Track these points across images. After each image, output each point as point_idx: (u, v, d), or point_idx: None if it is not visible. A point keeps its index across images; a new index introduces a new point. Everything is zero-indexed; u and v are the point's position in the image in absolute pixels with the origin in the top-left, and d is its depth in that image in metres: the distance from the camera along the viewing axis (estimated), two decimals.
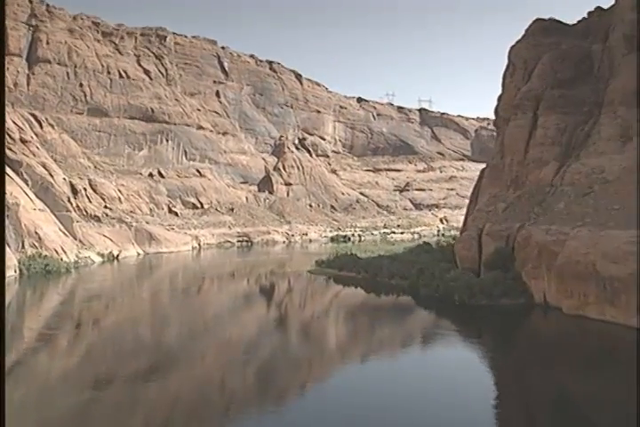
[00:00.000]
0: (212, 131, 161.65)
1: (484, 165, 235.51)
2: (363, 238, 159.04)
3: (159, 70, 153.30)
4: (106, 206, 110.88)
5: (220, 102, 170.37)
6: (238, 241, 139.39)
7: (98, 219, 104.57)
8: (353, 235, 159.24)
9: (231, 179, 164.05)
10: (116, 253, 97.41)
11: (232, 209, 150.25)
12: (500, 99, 78.59)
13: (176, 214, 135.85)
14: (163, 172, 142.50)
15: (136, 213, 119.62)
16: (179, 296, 63.32)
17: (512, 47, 79.66)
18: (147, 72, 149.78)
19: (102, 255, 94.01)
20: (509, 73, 77.33)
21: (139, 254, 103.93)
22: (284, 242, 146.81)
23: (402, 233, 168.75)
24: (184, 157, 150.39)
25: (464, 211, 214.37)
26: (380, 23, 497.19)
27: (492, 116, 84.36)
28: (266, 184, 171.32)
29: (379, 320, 49.10)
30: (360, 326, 47.69)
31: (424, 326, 46.97)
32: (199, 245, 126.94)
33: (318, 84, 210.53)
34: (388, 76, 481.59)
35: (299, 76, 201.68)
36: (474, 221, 61.95)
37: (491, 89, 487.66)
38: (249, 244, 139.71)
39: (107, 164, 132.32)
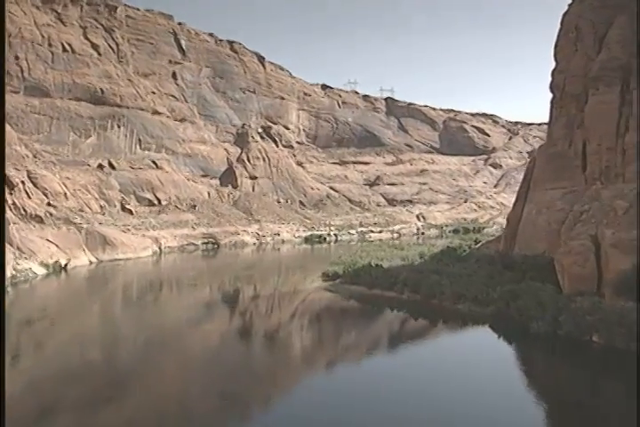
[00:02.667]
0: (168, 117, 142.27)
1: (454, 159, 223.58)
2: (339, 238, 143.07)
3: (109, 45, 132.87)
4: (49, 204, 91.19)
5: (177, 85, 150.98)
6: (203, 243, 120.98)
7: (40, 219, 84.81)
8: (329, 234, 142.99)
9: (190, 171, 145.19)
10: (63, 262, 78.09)
11: (194, 206, 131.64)
12: (557, 72, 63.22)
13: (130, 213, 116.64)
14: (114, 163, 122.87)
15: (85, 211, 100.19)
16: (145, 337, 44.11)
17: (568, 11, 64.76)
18: (95, 47, 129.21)
19: (47, 266, 74.68)
20: (570, 40, 61.99)
21: (91, 263, 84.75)
22: (254, 244, 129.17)
23: (380, 232, 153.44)
24: (138, 146, 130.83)
25: (439, 207, 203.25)
26: (345, 6, 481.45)
27: (459, 108, 68.80)
28: (229, 177, 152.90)
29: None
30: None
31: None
32: (160, 249, 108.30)
33: (282, 69, 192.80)
34: (349, 63, 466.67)
35: (261, 59, 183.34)
36: (572, 227, 45.94)
37: (456, 80, 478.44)
38: (215, 246, 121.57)
39: (48, 153, 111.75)
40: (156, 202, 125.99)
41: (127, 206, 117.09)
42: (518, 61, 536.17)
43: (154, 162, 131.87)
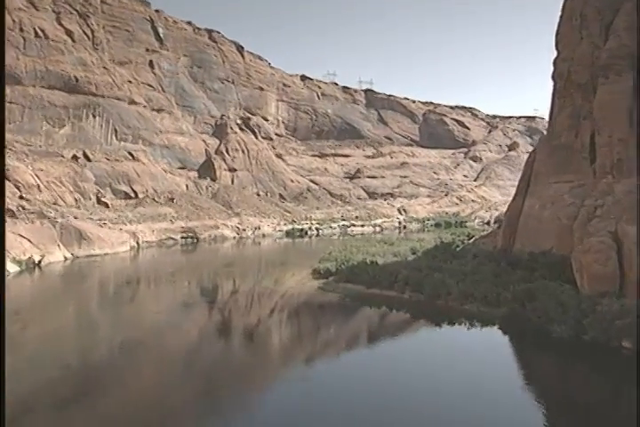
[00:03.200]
0: (145, 106, 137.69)
1: (434, 152, 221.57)
2: (321, 232, 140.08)
3: (84, 31, 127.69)
4: (21, 197, 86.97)
5: (155, 74, 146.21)
6: (182, 237, 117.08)
7: (12, 213, 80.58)
8: (310, 228, 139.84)
9: (168, 163, 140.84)
10: (37, 258, 73.93)
11: (172, 199, 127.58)
12: (560, 61, 60.63)
13: (106, 206, 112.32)
14: (89, 154, 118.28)
15: (59, 204, 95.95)
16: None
17: None
18: (69, 33, 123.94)
19: (19, 263, 70.59)
20: (574, 28, 59.29)
21: (66, 259, 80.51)
22: (234, 238, 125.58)
23: (362, 226, 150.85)
24: (114, 137, 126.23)
25: (420, 200, 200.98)
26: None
27: (438, 101, 66.13)
28: (207, 170, 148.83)
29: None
30: None
31: None
32: (137, 243, 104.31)
33: (261, 59, 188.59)
34: (328, 54, 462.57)
35: (240, 49, 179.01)
36: (586, 222, 43.26)
37: (434, 73, 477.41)
38: (195, 240, 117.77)
39: (20, 143, 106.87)
40: (132, 195, 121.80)
41: (103, 199, 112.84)
42: (496, 55, 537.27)
43: (130, 153, 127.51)
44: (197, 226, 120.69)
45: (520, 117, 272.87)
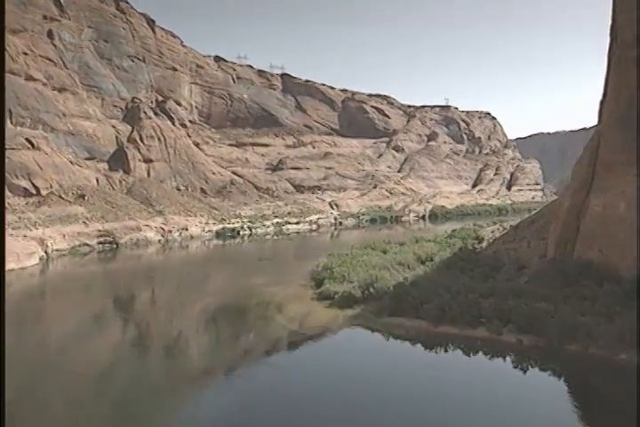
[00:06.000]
0: (45, 84, 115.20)
1: (355, 141, 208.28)
2: (254, 232, 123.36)
3: None
4: None
5: (55, 46, 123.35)
6: (99, 243, 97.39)
7: None
8: (242, 227, 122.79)
9: (73, 153, 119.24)
10: None
11: (82, 196, 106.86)
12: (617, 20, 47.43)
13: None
14: None
15: None
16: None
17: None
18: None
19: None
20: None
21: None
22: (159, 241, 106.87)
23: (297, 223, 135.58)
24: (8, 120, 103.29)
25: (350, 194, 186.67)
26: None
27: (357, 89, 52.77)
28: (119, 160, 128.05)
29: None
30: None
31: None
32: (46, 253, 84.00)
33: (173, 36, 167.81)
34: (240, 36, 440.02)
35: (151, 22, 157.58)
36: None
37: (348, 61, 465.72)
38: (114, 246, 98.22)
39: None
40: (33, 191, 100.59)
41: None
42: (408, 45, 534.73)
43: (29, 140, 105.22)
44: (116, 228, 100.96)
45: (434, 107, 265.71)
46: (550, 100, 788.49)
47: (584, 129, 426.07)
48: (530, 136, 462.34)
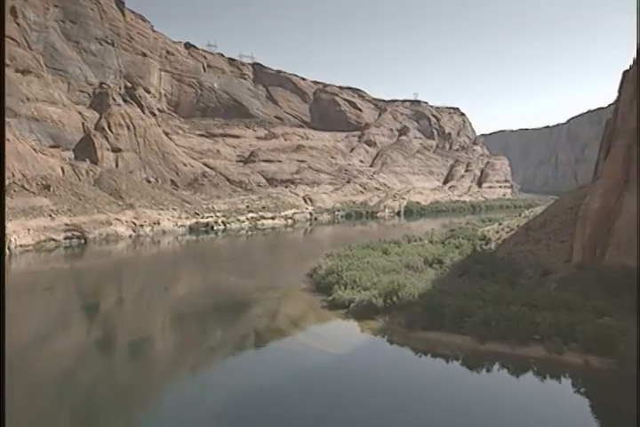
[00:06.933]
0: (8, 65, 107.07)
1: (327, 134, 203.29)
2: (228, 227, 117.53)
3: None
4: None
5: (18, 25, 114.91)
6: (67, 238, 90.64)
7: None
8: (216, 222, 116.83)
9: (37, 140, 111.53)
10: None
11: (47, 186, 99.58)
12: None
13: None
14: None
15: None
16: None
17: None
18: None
19: None
20: None
21: None
22: (130, 236, 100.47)
23: (273, 218, 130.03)
24: None
25: (324, 188, 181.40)
26: None
27: (329, 82, 48.74)
28: (86, 149, 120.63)
29: None
30: None
31: None
32: (9, 249, 77.21)
33: (143, 20, 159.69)
34: (210, 24, 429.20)
35: (120, 4, 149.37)
36: None
37: (321, 53, 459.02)
38: (82, 241, 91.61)
39: None
40: None
41: None
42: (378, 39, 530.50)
43: None
44: (85, 222, 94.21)
45: (405, 101, 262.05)
46: (516, 98, 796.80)
47: (547, 127, 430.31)
48: (494, 133, 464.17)
